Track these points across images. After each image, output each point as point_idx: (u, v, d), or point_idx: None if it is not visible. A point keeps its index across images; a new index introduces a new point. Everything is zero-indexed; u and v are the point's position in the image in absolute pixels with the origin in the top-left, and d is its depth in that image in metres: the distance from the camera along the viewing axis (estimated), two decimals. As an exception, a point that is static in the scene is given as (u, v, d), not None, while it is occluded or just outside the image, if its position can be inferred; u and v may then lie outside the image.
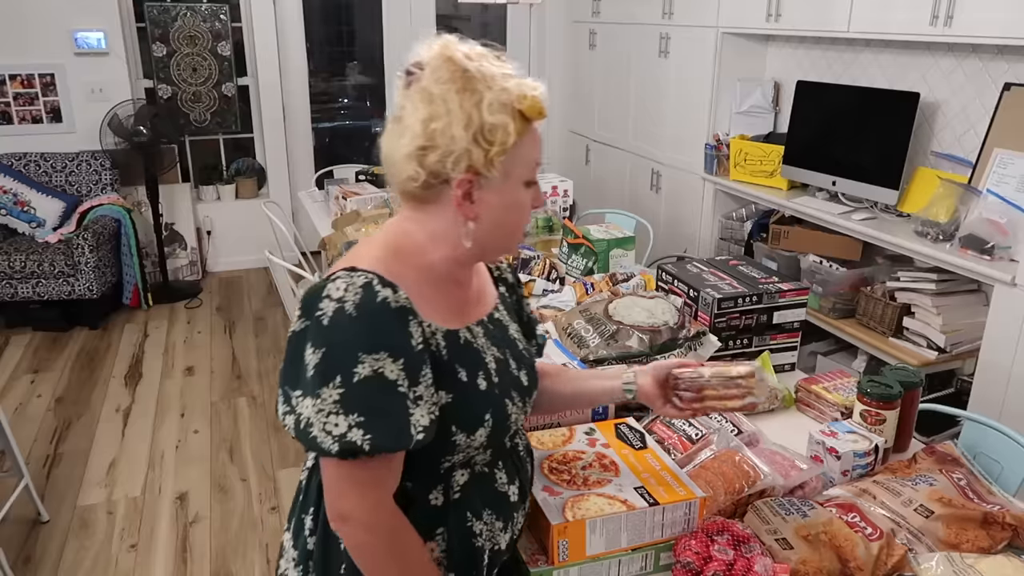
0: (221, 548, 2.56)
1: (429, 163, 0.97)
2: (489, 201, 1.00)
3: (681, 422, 1.50)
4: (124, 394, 3.57)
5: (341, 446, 0.90)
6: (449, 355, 1.01)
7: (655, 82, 4.27)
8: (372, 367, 0.91)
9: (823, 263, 3.21)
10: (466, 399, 1.01)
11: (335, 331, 0.92)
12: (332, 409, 0.90)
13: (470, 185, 0.98)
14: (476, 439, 1.02)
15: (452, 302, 1.05)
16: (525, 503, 1.15)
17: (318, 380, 0.91)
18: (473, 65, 0.96)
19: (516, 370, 1.11)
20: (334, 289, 0.93)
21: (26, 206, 4.37)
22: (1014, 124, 2.69)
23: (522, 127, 0.98)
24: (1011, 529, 1.27)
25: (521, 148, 0.98)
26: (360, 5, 5.38)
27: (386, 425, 0.92)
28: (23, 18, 4.41)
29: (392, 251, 1.01)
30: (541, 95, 0.98)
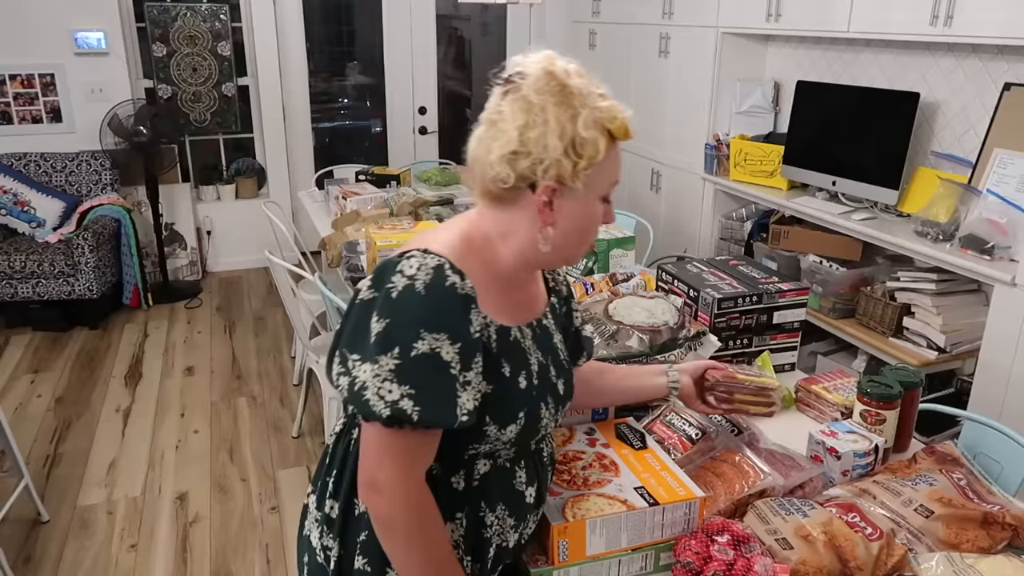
0: (221, 548, 2.56)
1: (520, 167, 1.01)
2: (567, 210, 1.04)
3: (681, 422, 1.50)
4: (124, 394, 3.57)
5: (392, 411, 0.94)
6: (498, 348, 1.05)
7: (655, 82, 4.27)
8: (431, 345, 0.95)
9: (823, 263, 3.21)
10: (505, 393, 1.05)
11: (402, 305, 0.96)
12: (388, 376, 0.95)
13: (554, 193, 1.03)
14: (506, 434, 1.05)
15: (509, 300, 1.10)
16: (539, 509, 1.16)
17: (378, 347, 0.95)
18: (572, 81, 1.02)
19: (555, 378, 1.15)
20: (407, 266, 0.99)
21: (26, 206, 4.37)
22: (1014, 124, 2.69)
23: (609, 145, 1.03)
24: (1011, 529, 1.27)
25: (605, 165, 1.03)
26: (360, 5, 5.38)
27: (435, 401, 0.96)
28: (23, 18, 4.41)
29: (465, 242, 1.06)
30: (629, 117, 1.05)
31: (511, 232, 1.07)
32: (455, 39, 5.73)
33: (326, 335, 3.15)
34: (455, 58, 5.74)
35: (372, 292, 1.00)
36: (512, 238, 1.07)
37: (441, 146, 5.57)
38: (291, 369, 3.81)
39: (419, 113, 5.47)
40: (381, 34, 5.26)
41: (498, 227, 1.07)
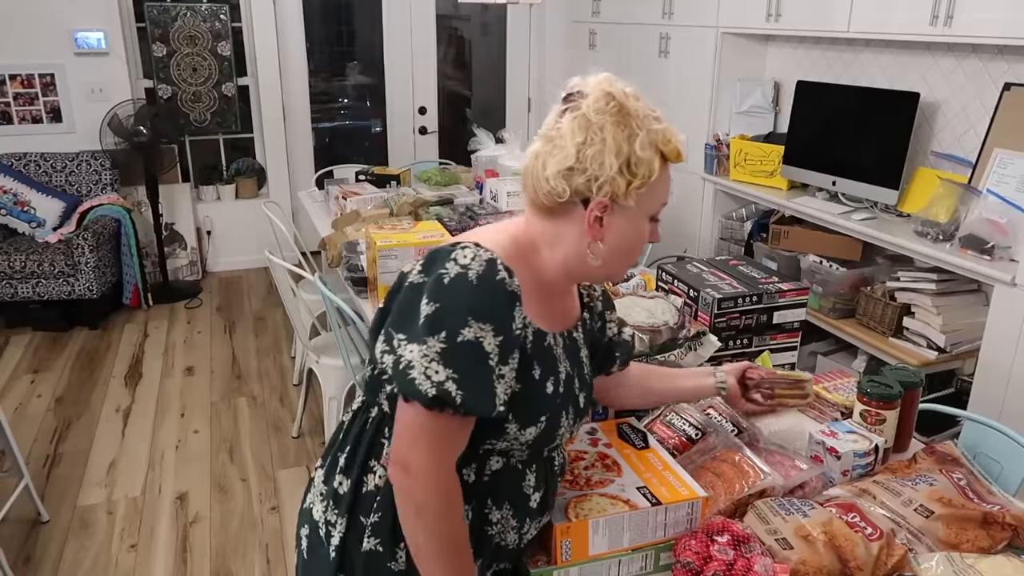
0: (221, 548, 2.56)
1: (576, 183, 1.04)
2: (617, 227, 1.07)
3: (681, 422, 1.50)
4: (124, 394, 3.57)
5: (438, 392, 0.96)
6: (532, 350, 1.07)
7: (655, 82, 4.27)
8: (476, 334, 0.98)
9: (823, 263, 3.21)
10: (532, 395, 1.07)
11: (453, 291, 0.99)
12: (435, 357, 0.97)
13: (605, 210, 1.05)
14: (525, 435, 1.07)
15: (548, 307, 1.12)
16: (542, 516, 1.16)
17: (427, 329, 0.98)
18: (630, 103, 1.05)
19: (578, 390, 1.17)
20: (461, 256, 1.01)
21: (26, 206, 4.37)
22: (1014, 124, 2.69)
23: (662, 166, 1.06)
24: (1011, 529, 1.27)
25: (657, 185, 1.06)
26: (360, 5, 5.38)
27: (477, 388, 0.98)
28: (23, 18, 4.41)
29: (513, 244, 1.08)
30: (682, 141, 1.09)
31: (558, 243, 1.09)
32: (455, 39, 5.73)
33: (326, 335, 3.15)
34: (455, 58, 5.74)
35: (422, 276, 1.02)
36: (558, 249, 1.10)
37: (441, 146, 5.57)
38: (291, 369, 3.81)
39: (419, 113, 5.47)
40: (381, 34, 5.26)
41: (546, 237, 1.10)
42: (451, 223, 2.77)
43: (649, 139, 1.04)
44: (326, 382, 2.85)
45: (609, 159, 1.02)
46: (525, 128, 5.63)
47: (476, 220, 2.78)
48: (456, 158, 4.90)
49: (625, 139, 1.03)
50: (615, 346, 1.33)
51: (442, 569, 1.02)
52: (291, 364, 3.87)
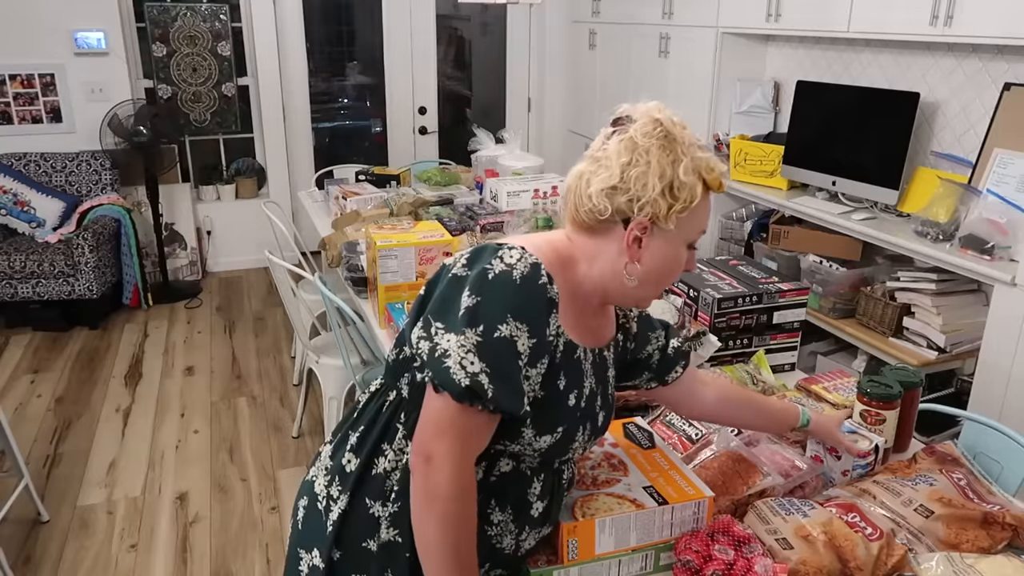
0: (221, 548, 2.56)
1: (618, 202, 1.06)
2: (655, 249, 1.09)
3: (681, 422, 1.50)
4: (124, 394, 3.57)
5: (472, 383, 0.97)
6: (561, 360, 1.08)
7: (655, 82, 4.27)
8: (511, 332, 0.99)
9: (823, 263, 3.21)
10: (553, 404, 1.08)
11: (496, 287, 1.01)
12: (472, 349, 0.98)
13: (645, 231, 1.07)
14: (539, 442, 1.07)
15: (581, 321, 1.13)
16: (543, 527, 1.16)
17: (465, 321, 0.99)
18: (676, 130, 1.07)
19: (599, 408, 1.17)
20: (508, 255, 1.03)
21: (26, 206, 4.37)
22: (1014, 124, 2.69)
23: (703, 194, 1.08)
24: (1011, 529, 1.27)
25: (698, 211, 1.08)
26: (360, 5, 5.38)
27: (507, 386, 0.99)
28: (23, 18, 4.41)
29: (555, 255, 1.10)
30: (724, 171, 1.12)
31: (596, 260, 1.11)
32: (455, 39, 5.73)
33: (326, 335, 3.15)
34: (455, 58, 5.74)
35: (466, 270, 1.04)
36: (596, 266, 1.11)
37: (441, 146, 5.57)
38: (291, 369, 3.81)
39: (419, 113, 5.47)
40: (381, 34, 5.26)
41: (585, 253, 1.11)
42: (451, 223, 2.77)
43: (693, 166, 1.06)
44: (326, 382, 2.85)
45: (652, 181, 1.04)
46: (525, 128, 5.63)
47: (476, 220, 2.78)
48: (456, 158, 4.90)
49: (669, 163, 1.05)
50: (655, 359, 1.31)
51: (448, 566, 1.01)
52: (291, 364, 3.87)
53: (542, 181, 3.05)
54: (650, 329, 1.32)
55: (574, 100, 5.28)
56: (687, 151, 1.06)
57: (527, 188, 3.01)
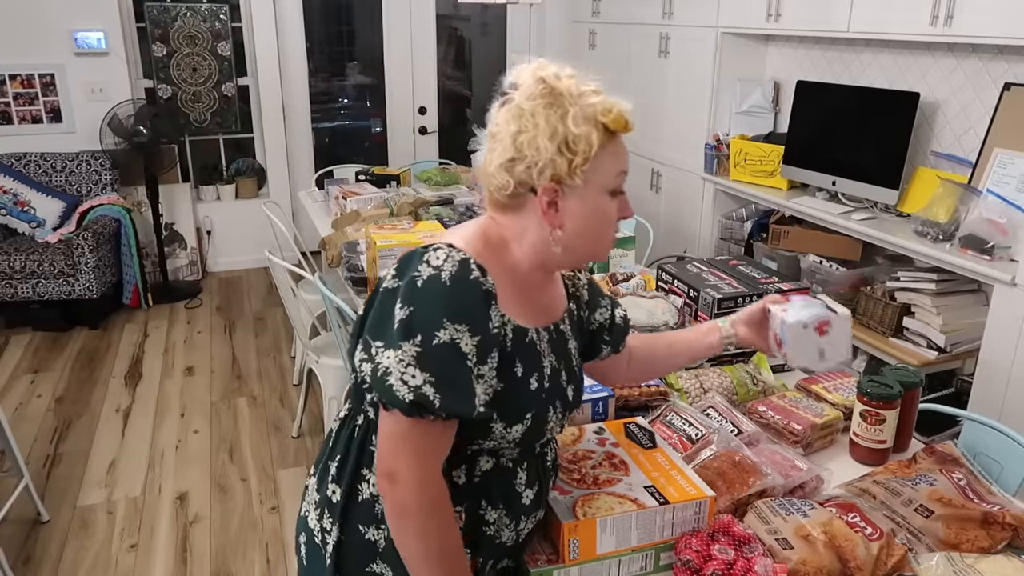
0: (221, 548, 2.56)
1: (517, 173, 1.04)
2: (573, 209, 1.05)
3: (681, 422, 1.50)
4: (124, 394, 3.57)
5: (415, 397, 0.95)
6: (513, 348, 1.06)
7: (655, 82, 4.27)
8: (451, 335, 0.97)
9: (823, 263, 3.21)
10: (516, 393, 1.06)
11: (426, 294, 0.98)
12: (411, 362, 0.96)
13: (555, 194, 1.04)
14: (512, 433, 1.06)
15: (528, 302, 1.11)
16: (537, 511, 1.16)
17: (401, 334, 0.97)
18: (562, 83, 1.04)
19: (565, 383, 1.16)
20: (434, 257, 1.01)
21: (26, 206, 4.37)
22: (1014, 124, 2.69)
23: (605, 139, 1.04)
24: (1011, 529, 1.27)
25: (603, 158, 1.04)
26: (360, 5, 5.38)
27: (455, 391, 0.97)
28: (23, 18, 4.41)
29: (485, 242, 1.08)
30: (626, 110, 1.06)
31: (524, 236, 1.09)
32: (455, 39, 5.73)
33: (326, 335, 3.15)
34: (455, 58, 5.74)
35: (396, 281, 1.01)
36: (526, 242, 1.09)
37: (441, 146, 5.57)
38: (291, 369, 3.81)
39: (419, 113, 5.47)
40: (381, 34, 5.26)
41: (512, 231, 1.09)
42: (451, 223, 2.77)
43: (584, 113, 1.02)
44: (326, 382, 2.85)
45: (543, 142, 1.01)
46: (525, 128, 5.62)
47: (476, 220, 2.78)
48: (456, 158, 4.90)
49: (559, 119, 1.01)
50: (607, 330, 1.31)
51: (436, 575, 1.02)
52: (291, 364, 3.87)
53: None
54: (599, 295, 1.31)
55: (574, 100, 5.27)
56: (576, 100, 1.03)
57: (527, 188, 3.00)
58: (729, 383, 1.70)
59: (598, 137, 1.03)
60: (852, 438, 1.53)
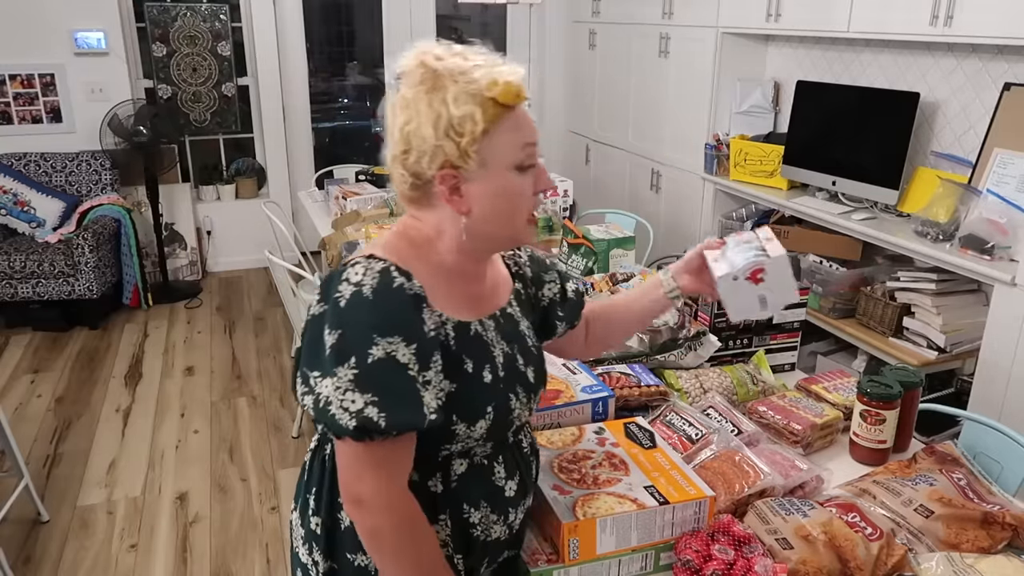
0: (221, 548, 2.56)
1: (410, 165, 1.01)
2: (477, 193, 1.01)
3: (681, 422, 1.50)
4: (124, 394, 3.57)
5: (359, 422, 0.92)
6: (458, 346, 1.03)
7: (655, 82, 4.27)
8: (386, 349, 0.94)
9: (823, 263, 3.21)
10: (470, 390, 1.03)
11: (352, 313, 0.95)
12: (348, 387, 0.93)
13: (454, 180, 1.00)
14: (476, 430, 1.04)
15: (464, 295, 1.08)
16: (524, 500, 1.15)
17: (334, 360, 0.94)
18: (442, 64, 0.98)
19: (523, 366, 1.13)
20: (353, 273, 0.97)
21: (26, 206, 4.37)
22: (1014, 124, 2.69)
23: (495, 113, 0.98)
24: (1011, 529, 1.27)
25: (499, 134, 0.99)
26: (360, 5, 5.38)
27: (399, 404, 0.94)
28: (23, 18, 4.41)
29: (407, 243, 1.05)
30: (514, 79, 0.98)
31: (442, 229, 1.05)
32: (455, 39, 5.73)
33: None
34: (455, 58, 5.74)
35: (321, 306, 0.98)
36: (446, 235, 1.05)
37: (441, 146, 5.56)
38: (291, 369, 3.81)
39: (419, 113, 5.46)
40: (381, 34, 5.26)
41: (433, 226, 1.06)
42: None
43: (467, 91, 0.97)
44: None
45: (427, 131, 0.97)
46: (525, 128, 5.62)
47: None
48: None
49: (440, 102, 0.97)
50: (559, 305, 1.27)
51: None
52: (291, 364, 3.87)
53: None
54: (543, 270, 1.27)
55: (574, 100, 5.28)
56: (458, 79, 0.97)
57: (527, 188, 3.00)
58: (729, 383, 1.70)
59: (485, 114, 0.97)
60: (852, 438, 1.53)
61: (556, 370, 1.59)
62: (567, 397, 1.49)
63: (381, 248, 1.03)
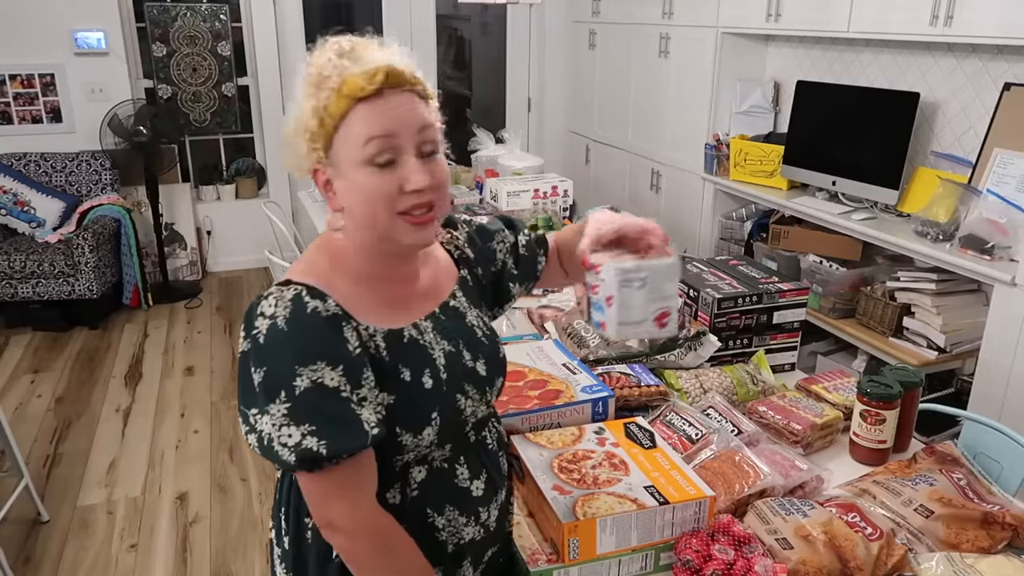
0: (221, 548, 2.56)
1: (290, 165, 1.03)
2: (340, 190, 1.00)
3: (681, 422, 1.50)
4: (124, 394, 3.57)
5: (299, 455, 0.91)
6: (391, 356, 1.01)
7: (655, 82, 4.27)
8: (311, 378, 0.92)
9: (823, 263, 3.21)
10: (410, 399, 1.01)
11: (271, 348, 0.93)
12: (283, 422, 0.92)
13: (324, 175, 1.01)
14: (424, 438, 1.02)
15: (393, 300, 1.05)
16: (496, 496, 1.14)
17: (265, 397, 0.93)
18: (315, 68, 0.98)
19: (471, 361, 1.10)
20: (266, 306, 0.95)
21: (26, 206, 4.37)
22: (1014, 124, 2.69)
23: (343, 108, 0.95)
24: (1011, 529, 1.27)
25: (345, 128, 0.96)
26: (360, 5, 5.38)
27: (338, 430, 0.93)
28: (23, 18, 4.41)
29: (327, 256, 1.03)
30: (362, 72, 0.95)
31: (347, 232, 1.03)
32: (455, 39, 5.73)
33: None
34: (455, 58, 5.74)
35: (247, 343, 0.96)
36: (351, 239, 1.03)
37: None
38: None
39: (419, 113, 5.46)
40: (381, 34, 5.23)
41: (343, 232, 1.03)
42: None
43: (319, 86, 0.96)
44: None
45: (292, 136, 1.01)
46: (525, 128, 5.63)
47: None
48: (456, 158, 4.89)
49: (303, 99, 0.98)
50: (513, 267, 1.24)
51: None
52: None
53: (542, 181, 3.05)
54: (488, 239, 1.23)
55: (574, 100, 5.28)
56: (323, 84, 0.96)
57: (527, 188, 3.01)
58: (729, 383, 1.70)
59: (330, 109, 0.95)
60: (852, 438, 1.53)
61: (556, 370, 1.59)
62: (567, 397, 1.48)
63: (299, 269, 1.01)
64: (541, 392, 1.50)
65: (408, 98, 0.98)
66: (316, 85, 0.96)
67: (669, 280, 1.07)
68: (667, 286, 1.07)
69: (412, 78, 0.99)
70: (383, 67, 0.95)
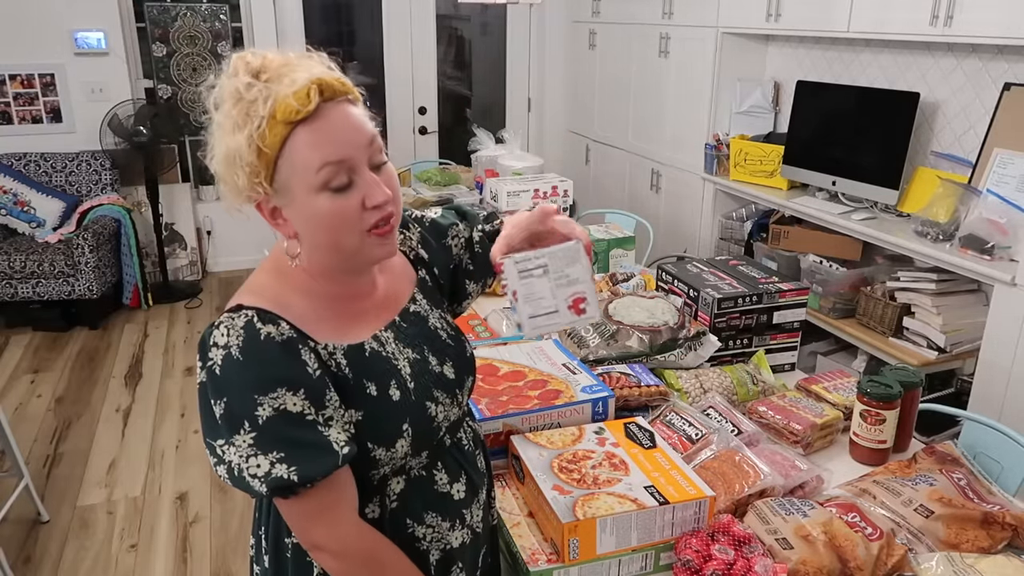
0: (221, 548, 2.56)
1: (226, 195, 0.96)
2: (293, 217, 0.95)
3: (681, 422, 1.50)
4: (124, 394, 3.57)
5: (270, 484, 0.89)
6: (354, 372, 0.98)
7: (655, 82, 4.27)
8: (272, 405, 0.90)
9: (823, 263, 3.21)
10: (378, 413, 0.99)
11: (228, 378, 0.90)
12: (250, 452, 0.90)
13: (271, 206, 0.95)
14: (398, 450, 1.00)
15: (351, 314, 1.02)
16: (478, 496, 1.14)
17: (228, 429, 0.90)
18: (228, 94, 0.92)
19: (438, 365, 1.08)
20: (219, 335, 0.92)
21: (26, 206, 4.37)
22: (1014, 124, 2.69)
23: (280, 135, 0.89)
24: (1011, 529, 1.27)
25: (289, 156, 0.90)
26: (360, 5, 5.38)
27: (306, 454, 0.90)
28: (23, 18, 4.41)
29: (279, 278, 1.00)
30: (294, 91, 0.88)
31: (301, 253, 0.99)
32: (455, 39, 5.73)
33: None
34: (455, 58, 5.74)
35: (203, 374, 0.93)
36: (305, 259, 0.99)
37: (441, 146, 5.57)
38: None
39: (419, 113, 5.47)
40: (381, 34, 5.26)
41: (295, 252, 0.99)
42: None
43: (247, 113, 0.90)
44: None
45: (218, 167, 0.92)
46: (525, 128, 5.63)
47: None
48: (456, 158, 4.90)
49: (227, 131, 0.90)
50: (469, 262, 1.21)
51: None
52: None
53: (542, 181, 3.05)
54: (442, 236, 1.19)
55: (574, 100, 5.28)
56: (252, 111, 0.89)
57: (527, 188, 3.01)
58: (729, 383, 1.70)
59: (266, 138, 0.89)
60: (852, 438, 1.53)
61: (556, 370, 1.59)
62: (567, 397, 1.49)
63: (249, 292, 0.97)
64: (541, 392, 1.50)
65: (344, 110, 0.92)
66: (244, 113, 0.89)
67: (571, 263, 1.04)
68: (571, 270, 1.04)
69: (342, 86, 0.93)
70: (313, 82, 0.89)
